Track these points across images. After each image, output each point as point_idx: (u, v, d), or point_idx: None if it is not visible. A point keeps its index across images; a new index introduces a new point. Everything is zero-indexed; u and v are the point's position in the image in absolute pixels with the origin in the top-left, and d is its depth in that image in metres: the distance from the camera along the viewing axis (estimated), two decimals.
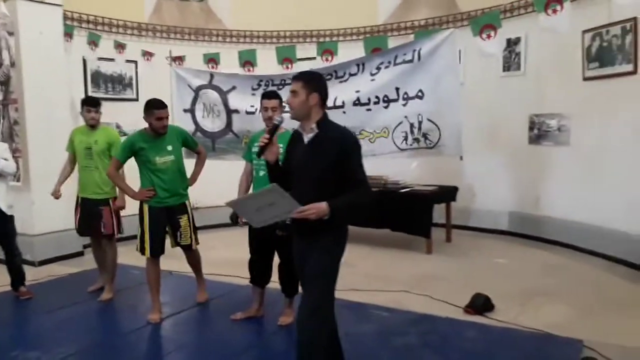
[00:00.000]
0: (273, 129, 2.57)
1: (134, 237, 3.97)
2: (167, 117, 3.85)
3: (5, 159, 4.38)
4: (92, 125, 4.47)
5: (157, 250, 3.93)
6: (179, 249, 4.14)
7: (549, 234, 6.15)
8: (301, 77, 2.58)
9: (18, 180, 5.65)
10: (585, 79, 5.62)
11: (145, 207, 3.89)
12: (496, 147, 6.66)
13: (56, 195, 4.59)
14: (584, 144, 5.72)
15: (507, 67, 6.58)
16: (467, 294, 4.12)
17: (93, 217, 4.46)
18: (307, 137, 2.55)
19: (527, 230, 6.45)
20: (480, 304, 3.98)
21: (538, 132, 6.27)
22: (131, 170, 4.09)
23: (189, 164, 4.11)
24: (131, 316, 4.14)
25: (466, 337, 3.55)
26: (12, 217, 4.50)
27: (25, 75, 5.58)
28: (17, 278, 4.57)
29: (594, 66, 5.52)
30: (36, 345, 3.51)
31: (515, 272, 5.09)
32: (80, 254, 5.89)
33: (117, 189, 4.36)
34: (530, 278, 4.86)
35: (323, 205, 2.33)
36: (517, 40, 6.42)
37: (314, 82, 2.54)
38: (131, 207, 4.22)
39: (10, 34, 5.60)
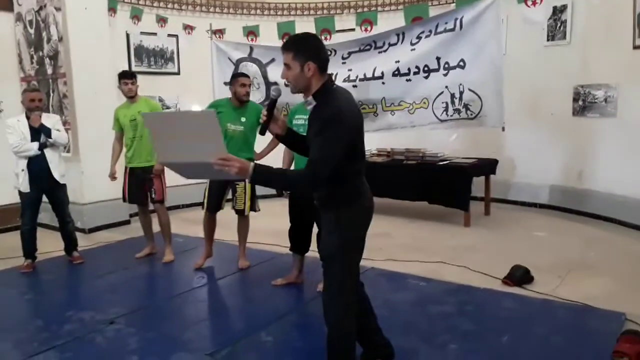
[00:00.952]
0: (271, 104, 2.36)
1: (176, 207, 4.15)
2: (249, 85, 4.22)
3: (58, 130, 4.58)
4: (131, 97, 4.65)
5: (212, 207, 4.37)
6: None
7: (591, 208, 6.01)
8: (290, 46, 2.23)
9: (68, 151, 5.90)
10: (636, 47, 5.38)
11: None
12: (538, 119, 6.50)
13: (112, 176, 4.80)
14: (632, 115, 5.51)
15: (551, 37, 6.36)
16: (505, 266, 4.11)
17: (143, 185, 4.67)
18: (309, 110, 2.34)
19: (568, 204, 6.32)
20: (519, 276, 3.96)
21: (583, 104, 6.08)
22: None
23: None
24: (177, 280, 4.35)
25: (504, 307, 3.55)
26: (64, 185, 4.72)
27: (72, 49, 5.77)
28: (70, 244, 4.82)
29: None
30: (89, 306, 3.72)
31: (555, 245, 5.02)
32: (127, 222, 6.15)
33: None
34: (571, 251, 4.79)
35: (247, 166, 2.09)
36: (563, 8, 6.17)
37: (307, 50, 2.22)
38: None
39: (58, 9, 5.78)
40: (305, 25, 6.69)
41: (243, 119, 4.22)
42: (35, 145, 4.47)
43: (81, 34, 5.81)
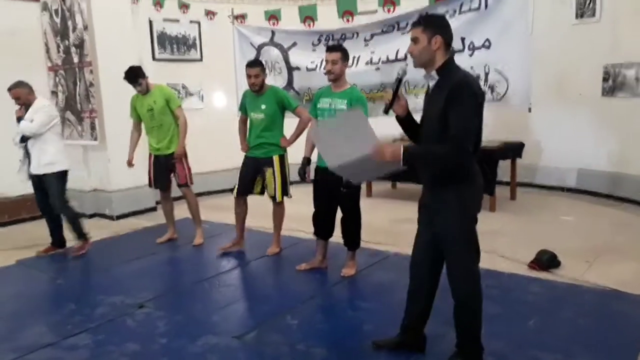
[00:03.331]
0: (397, 83, 2.43)
1: (202, 193, 4.19)
2: (254, 76, 4.16)
3: (32, 120, 4.50)
4: (144, 93, 4.71)
5: (240, 192, 4.42)
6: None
7: (621, 192, 5.88)
8: (420, 21, 2.36)
9: (95, 139, 6.01)
10: None
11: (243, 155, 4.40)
12: (566, 99, 6.35)
13: (130, 163, 4.88)
14: None
15: (580, 14, 6.17)
16: (532, 251, 4.06)
17: (165, 171, 4.76)
18: (431, 86, 2.42)
19: (596, 188, 6.19)
20: (546, 260, 3.91)
21: (613, 84, 5.91)
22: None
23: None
24: (203, 265, 4.43)
25: (530, 291, 3.52)
26: (50, 175, 4.57)
27: (97, 38, 5.83)
28: (58, 236, 4.83)
29: None
30: (118, 291, 3.80)
31: (583, 229, 4.94)
32: (153, 209, 6.25)
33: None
34: (599, 236, 4.70)
35: (399, 149, 2.20)
36: None
37: (435, 24, 2.34)
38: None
39: None
40: (327, 9, 6.64)
41: (263, 106, 4.23)
42: (17, 137, 4.58)
43: (105, 22, 5.86)
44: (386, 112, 2.47)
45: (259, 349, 2.91)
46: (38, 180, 4.67)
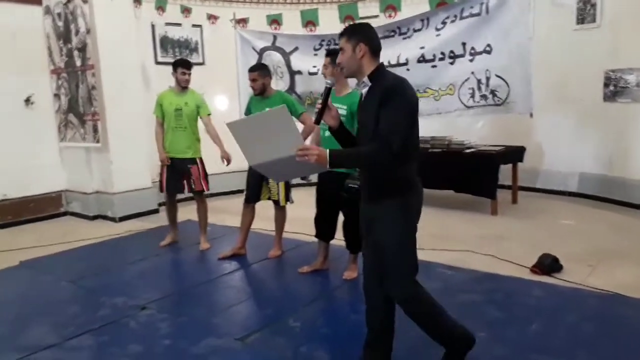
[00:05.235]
0: (326, 93, 2.36)
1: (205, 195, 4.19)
2: (253, 80, 4.23)
3: None
4: (184, 87, 4.68)
5: (249, 198, 4.44)
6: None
7: (623, 196, 5.88)
8: (344, 31, 2.39)
9: (97, 142, 6.02)
10: None
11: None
12: (567, 104, 6.37)
13: (165, 161, 4.72)
14: None
15: (580, 20, 6.20)
16: (534, 254, 4.06)
17: (181, 176, 4.72)
18: (363, 93, 2.39)
19: (598, 192, 6.20)
20: (548, 264, 3.91)
21: (614, 89, 5.93)
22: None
23: None
24: (205, 267, 4.43)
25: (532, 295, 3.52)
26: None
27: (99, 41, 5.86)
28: None
29: None
30: (122, 292, 3.81)
31: (584, 233, 4.94)
32: (155, 211, 6.27)
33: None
34: (601, 240, 4.71)
35: (324, 152, 2.16)
36: None
37: (358, 33, 2.34)
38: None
39: (85, 1, 5.86)
40: (328, 13, 6.69)
41: (267, 110, 4.23)
42: None
43: (108, 26, 5.89)
44: (317, 122, 2.42)
45: (261, 352, 2.91)
46: None
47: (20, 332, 3.23)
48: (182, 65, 4.68)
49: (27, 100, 6.19)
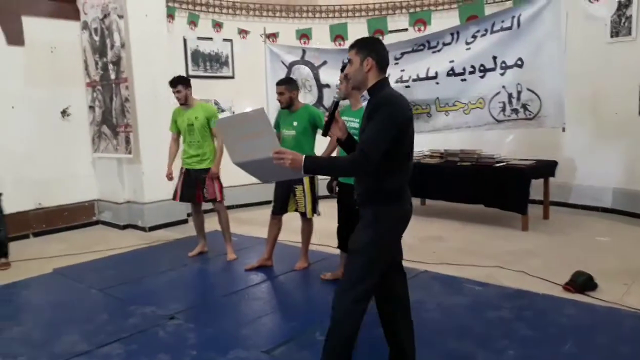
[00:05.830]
0: (333, 106, 2.42)
1: (229, 207, 4.22)
2: (280, 94, 4.28)
3: None
4: (183, 104, 4.77)
5: (276, 210, 4.48)
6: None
7: None
8: (354, 44, 2.43)
9: (129, 153, 6.16)
10: None
11: None
12: (601, 118, 6.24)
13: (169, 176, 4.91)
14: None
15: (615, 33, 6.08)
16: (566, 272, 3.96)
17: (195, 185, 4.80)
18: (364, 106, 2.47)
19: (632, 208, 6.02)
20: (582, 282, 3.80)
21: None
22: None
23: None
24: (233, 278, 4.45)
25: (565, 314, 3.43)
26: None
27: (134, 55, 6.02)
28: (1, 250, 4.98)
29: None
30: (151, 301, 3.86)
31: (619, 250, 4.80)
32: (184, 221, 6.35)
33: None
34: (637, 257, 4.56)
35: (300, 158, 2.18)
36: (628, 3, 5.90)
37: (367, 46, 2.39)
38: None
39: (120, 17, 6.04)
40: (357, 27, 6.71)
41: (295, 123, 4.28)
42: None
43: (142, 40, 6.06)
44: (324, 134, 2.47)
45: None
46: None
47: (53, 339, 3.29)
48: (170, 85, 4.76)
49: (64, 112, 6.38)
